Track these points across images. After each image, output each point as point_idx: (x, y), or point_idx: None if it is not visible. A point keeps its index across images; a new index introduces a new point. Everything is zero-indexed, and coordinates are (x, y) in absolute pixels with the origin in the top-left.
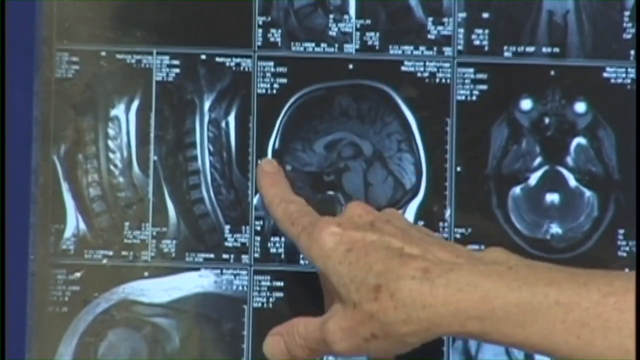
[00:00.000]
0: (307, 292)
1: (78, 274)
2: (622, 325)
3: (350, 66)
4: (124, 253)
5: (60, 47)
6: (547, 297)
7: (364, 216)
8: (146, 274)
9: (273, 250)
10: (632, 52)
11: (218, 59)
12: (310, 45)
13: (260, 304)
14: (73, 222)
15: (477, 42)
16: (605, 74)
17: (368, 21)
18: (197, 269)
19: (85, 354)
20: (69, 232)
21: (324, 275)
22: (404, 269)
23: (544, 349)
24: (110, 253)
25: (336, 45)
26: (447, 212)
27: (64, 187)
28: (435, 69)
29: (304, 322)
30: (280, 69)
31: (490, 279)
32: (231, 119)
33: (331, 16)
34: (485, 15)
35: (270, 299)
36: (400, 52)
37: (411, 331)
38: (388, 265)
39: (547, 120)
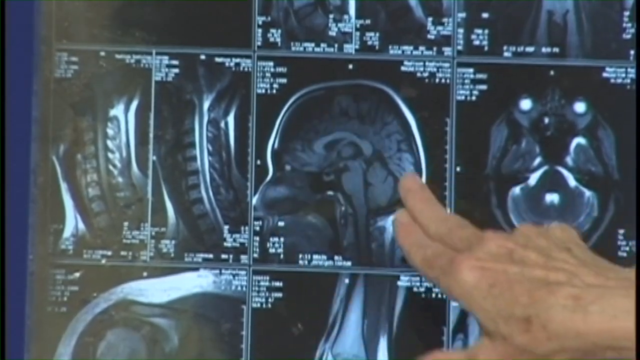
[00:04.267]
0: (306, 293)
1: (77, 274)
2: None
3: (350, 66)
4: (122, 253)
5: (59, 47)
6: None
7: (502, 247)
8: (145, 274)
9: (272, 251)
10: (632, 52)
11: (217, 59)
12: (310, 45)
13: (259, 304)
14: (72, 222)
15: (476, 42)
16: (604, 74)
17: (368, 21)
18: (196, 269)
19: (84, 354)
20: (68, 232)
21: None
22: (553, 299)
23: None
24: (109, 253)
25: (336, 45)
26: (447, 212)
27: (63, 187)
28: (435, 69)
29: (446, 356)
30: (280, 69)
31: None
32: (230, 119)
33: (331, 16)
34: (485, 15)
35: (269, 299)
36: (400, 52)
37: None
38: (536, 297)
39: (546, 120)
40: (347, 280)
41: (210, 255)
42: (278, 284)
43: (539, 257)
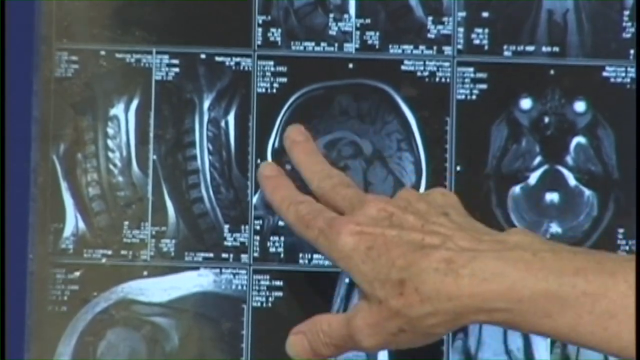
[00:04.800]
0: (306, 292)
1: (77, 273)
2: None
3: (350, 65)
4: (123, 252)
5: (59, 47)
6: (574, 288)
7: (382, 210)
8: (145, 273)
9: (272, 250)
10: (632, 52)
11: (218, 58)
12: (310, 45)
13: (259, 304)
14: (72, 222)
15: (476, 42)
16: (604, 74)
17: (368, 20)
18: (197, 269)
19: (85, 354)
20: (68, 231)
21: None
22: (426, 262)
23: (571, 339)
24: (110, 252)
25: (336, 45)
26: None
27: (63, 186)
28: (435, 68)
29: (327, 320)
30: (280, 68)
31: (516, 267)
32: (231, 118)
33: (331, 15)
34: (485, 14)
35: (270, 299)
36: (400, 51)
37: (438, 323)
38: (410, 260)
39: (546, 120)
40: (347, 280)
41: (211, 255)
42: (278, 283)
43: (417, 221)
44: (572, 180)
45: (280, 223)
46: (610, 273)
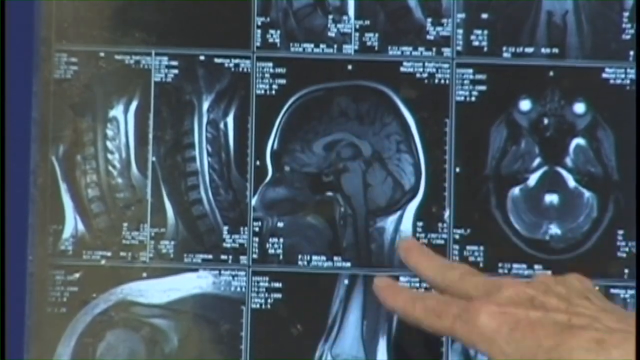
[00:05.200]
0: (305, 293)
1: (76, 275)
2: None
3: (350, 67)
4: (122, 254)
5: (59, 48)
6: None
7: (522, 293)
8: (144, 274)
9: (271, 251)
10: (632, 53)
11: (217, 60)
12: (309, 46)
13: (258, 305)
14: (71, 223)
15: (476, 43)
16: (604, 75)
17: (367, 22)
18: (196, 270)
19: (84, 355)
20: (67, 232)
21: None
22: (576, 341)
23: None
24: (109, 254)
25: (335, 46)
26: (446, 213)
27: (63, 187)
28: (434, 70)
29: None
30: (279, 70)
31: None
32: (230, 119)
33: (330, 17)
34: (484, 15)
35: (269, 300)
36: (399, 52)
37: None
38: (558, 340)
39: (546, 121)
40: (346, 281)
41: (210, 256)
42: (277, 284)
43: (560, 303)
44: (571, 182)
45: (280, 224)
46: None
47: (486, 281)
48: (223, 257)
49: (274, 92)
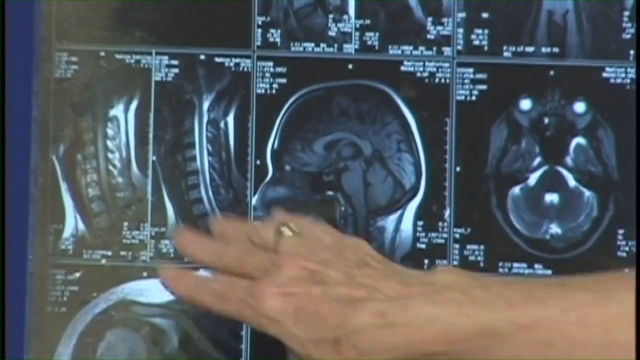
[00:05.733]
0: None
1: (77, 274)
2: (586, 342)
3: (350, 66)
4: (122, 253)
5: (59, 47)
6: (509, 323)
7: (301, 269)
8: (145, 274)
9: None
10: (632, 52)
11: (217, 59)
12: (309, 45)
13: None
14: (72, 222)
15: (476, 42)
16: (604, 74)
17: (367, 21)
18: (196, 269)
19: (84, 354)
20: (67, 232)
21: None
22: (358, 319)
23: None
24: (109, 253)
25: (336, 45)
26: (447, 212)
27: (63, 187)
28: (434, 69)
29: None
30: (280, 69)
31: (448, 310)
32: (230, 119)
33: (331, 16)
34: (485, 15)
35: None
36: (399, 52)
37: None
38: (342, 317)
39: (546, 120)
40: None
41: None
42: None
43: (341, 275)
44: (571, 181)
45: None
46: (541, 301)
47: (264, 259)
48: None
49: (274, 91)
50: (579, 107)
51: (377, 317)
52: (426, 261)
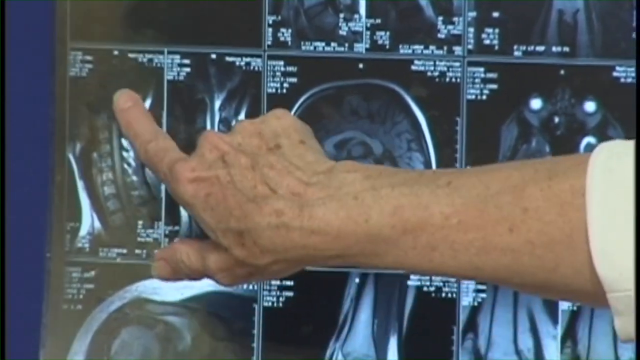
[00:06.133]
0: (317, 291)
1: (93, 272)
2: (468, 245)
3: (360, 65)
4: (137, 251)
5: (74, 46)
6: (393, 228)
7: (214, 150)
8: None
9: None
10: None
11: (228, 59)
12: (320, 45)
13: (270, 303)
14: (88, 221)
15: (487, 42)
16: (615, 73)
17: (378, 20)
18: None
19: (99, 352)
20: (84, 230)
21: None
22: (259, 216)
23: (404, 270)
24: (124, 251)
25: (346, 45)
26: None
27: (80, 185)
28: (445, 68)
29: (186, 251)
30: (290, 68)
31: (338, 216)
32: (241, 118)
33: (341, 15)
34: (496, 14)
35: (280, 299)
36: (410, 51)
37: (282, 269)
38: (245, 211)
39: (556, 120)
40: (357, 280)
41: None
42: (289, 283)
43: (248, 161)
44: None
45: None
46: (425, 206)
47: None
48: None
49: (285, 90)
50: (589, 106)
51: (274, 217)
52: None
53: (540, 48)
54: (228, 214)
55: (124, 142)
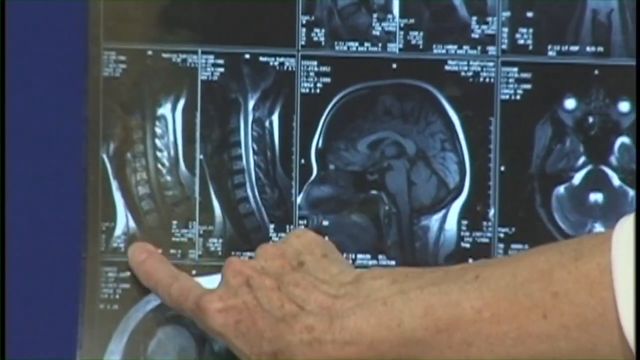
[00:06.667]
0: None
1: (128, 272)
2: (503, 337)
3: (394, 65)
4: (172, 251)
5: (107, 46)
6: (427, 329)
7: (238, 275)
8: (194, 272)
9: None
10: None
11: (262, 59)
12: (353, 45)
13: None
14: (123, 220)
15: (521, 41)
16: None
17: (412, 20)
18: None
19: (135, 352)
20: (119, 230)
21: None
22: (290, 335)
23: None
24: (159, 251)
25: (380, 45)
26: (491, 212)
27: (114, 185)
28: (479, 68)
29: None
30: (324, 68)
31: (370, 324)
32: (275, 118)
33: (375, 15)
34: (530, 14)
35: None
36: (444, 51)
37: None
38: (276, 332)
39: (590, 120)
40: None
41: None
42: None
43: (273, 282)
44: (616, 181)
45: (324, 223)
46: (456, 303)
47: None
48: None
49: (318, 90)
50: (624, 106)
51: (306, 333)
52: (470, 260)
53: (575, 48)
54: (260, 337)
55: (158, 142)
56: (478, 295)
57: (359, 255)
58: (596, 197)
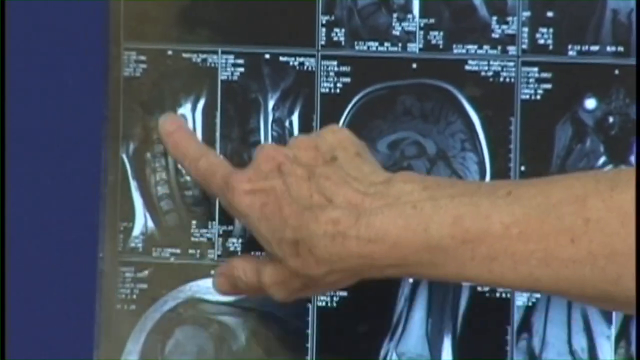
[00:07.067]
0: (371, 292)
1: (146, 272)
2: (528, 256)
3: (414, 65)
4: (191, 251)
5: (128, 46)
6: (453, 239)
7: (270, 160)
8: (213, 272)
9: None
10: None
11: (282, 58)
12: (373, 45)
13: (324, 303)
14: (141, 220)
15: (541, 41)
16: None
17: (432, 20)
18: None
19: (153, 352)
20: (137, 230)
21: None
22: (314, 225)
23: (462, 282)
24: (178, 251)
25: (400, 45)
26: None
27: (133, 185)
28: (499, 68)
29: (242, 268)
30: (344, 68)
31: (396, 225)
32: (295, 118)
33: (395, 15)
34: (550, 14)
35: (335, 298)
36: (464, 51)
37: (338, 280)
38: (301, 220)
39: (611, 120)
40: (411, 280)
41: None
42: None
43: (305, 172)
44: None
45: None
46: (485, 216)
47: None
48: None
49: (338, 90)
50: None
51: (331, 226)
52: None
53: (595, 48)
54: (284, 223)
55: None
56: (509, 211)
57: None
58: None
